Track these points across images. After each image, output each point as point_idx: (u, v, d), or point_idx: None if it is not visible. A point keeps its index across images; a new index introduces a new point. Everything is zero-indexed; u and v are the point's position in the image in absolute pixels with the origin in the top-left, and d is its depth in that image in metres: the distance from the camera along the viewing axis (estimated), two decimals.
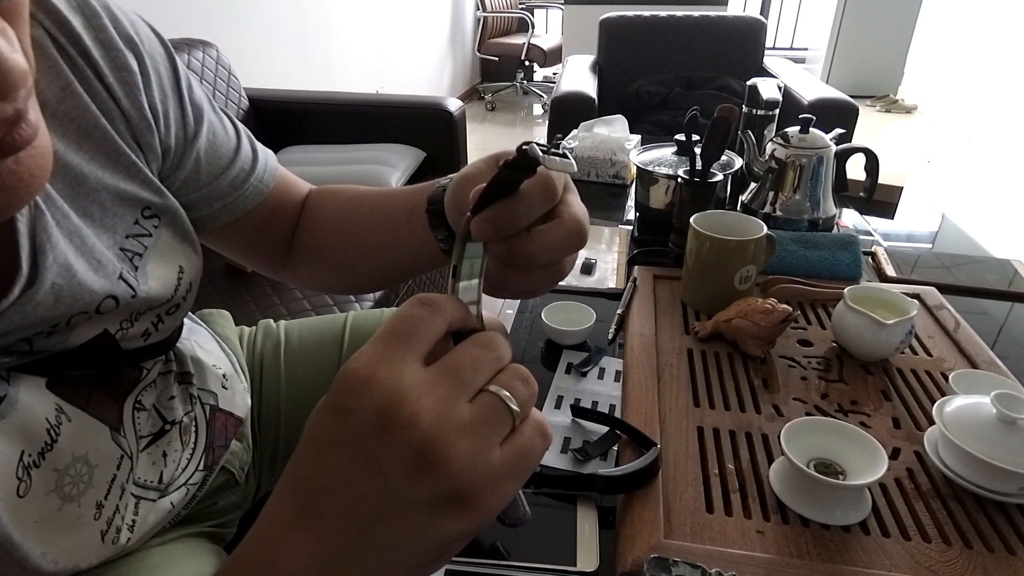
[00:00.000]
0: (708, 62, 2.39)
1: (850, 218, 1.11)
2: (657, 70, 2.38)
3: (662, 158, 1.01)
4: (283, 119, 1.88)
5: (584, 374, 0.69)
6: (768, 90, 1.11)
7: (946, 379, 0.62)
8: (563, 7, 3.99)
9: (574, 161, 0.30)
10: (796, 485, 0.49)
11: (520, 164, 0.28)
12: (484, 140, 3.87)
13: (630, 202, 1.17)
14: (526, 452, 0.25)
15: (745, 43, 2.41)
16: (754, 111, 1.11)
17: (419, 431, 0.22)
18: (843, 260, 0.86)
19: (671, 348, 0.69)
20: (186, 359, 0.51)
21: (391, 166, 1.71)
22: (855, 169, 1.01)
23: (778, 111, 1.12)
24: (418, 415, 0.22)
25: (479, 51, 4.55)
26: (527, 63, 4.52)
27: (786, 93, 1.62)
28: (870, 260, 0.94)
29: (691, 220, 0.76)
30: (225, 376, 0.56)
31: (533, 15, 4.46)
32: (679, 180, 0.89)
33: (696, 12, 2.45)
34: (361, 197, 0.53)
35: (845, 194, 1.01)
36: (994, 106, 3.76)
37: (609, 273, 0.91)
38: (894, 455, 0.54)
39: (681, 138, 0.98)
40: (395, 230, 0.48)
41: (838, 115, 1.88)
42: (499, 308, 0.84)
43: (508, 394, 0.25)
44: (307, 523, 0.23)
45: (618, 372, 0.69)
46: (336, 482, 0.23)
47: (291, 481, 0.24)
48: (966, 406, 0.51)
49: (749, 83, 1.13)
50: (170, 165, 0.45)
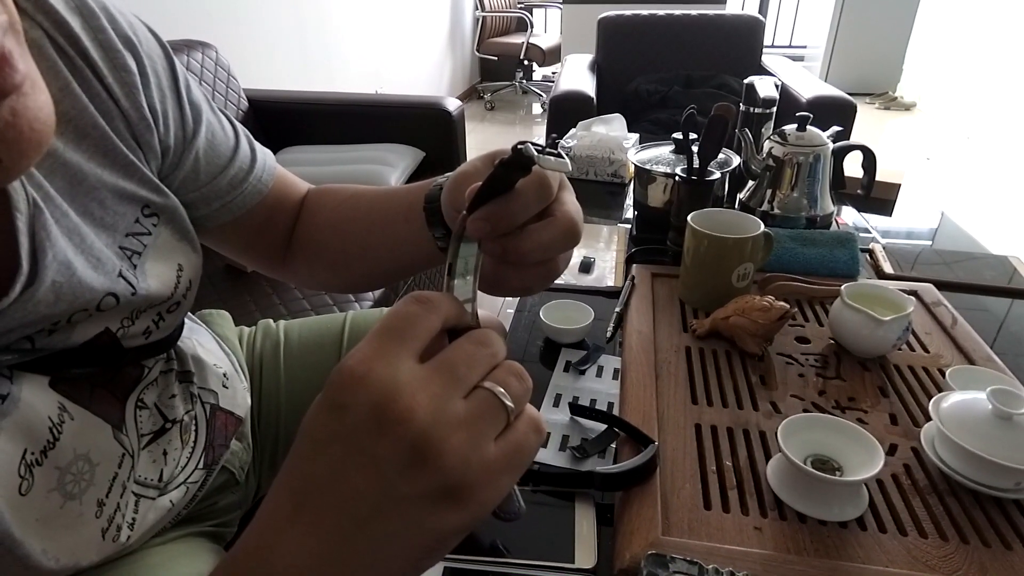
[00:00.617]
0: (706, 61, 2.39)
1: (849, 215, 1.11)
2: (656, 69, 2.38)
3: (660, 156, 1.01)
4: (282, 119, 1.88)
5: (582, 372, 0.69)
6: (765, 88, 1.11)
7: (943, 375, 0.62)
8: (562, 6, 4.00)
9: (569, 161, 0.31)
10: (793, 482, 0.49)
11: (515, 163, 0.29)
12: (483, 139, 3.87)
13: (628, 200, 1.17)
14: (520, 447, 0.25)
15: (743, 41, 2.42)
16: (751, 109, 1.12)
17: (414, 426, 0.22)
18: (841, 257, 0.86)
19: (669, 346, 0.69)
20: (187, 358, 0.51)
21: (390, 166, 1.71)
22: (853, 166, 1.01)
23: (775, 109, 1.12)
24: (413, 411, 0.23)
25: (478, 51, 4.55)
26: (526, 62, 4.52)
27: (784, 91, 1.62)
28: (868, 257, 0.94)
29: (689, 218, 0.76)
30: (226, 375, 0.56)
31: (532, 14, 4.46)
32: (677, 178, 0.89)
33: (694, 11, 2.45)
34: (359, 196, 0.53)
35: (843, 191, 1.02)
36: (993, 103, 3.76)
37: (607, 271, 0.91)
38: (891, 451, 0.54)
39: (679, 137, 0.98)
40: (392, 229, 0.48)
41: (836, 113, 1.88)
42: (499, 307, 0.84)
43: (503, 390, 0.25)
44: (304, 518, 0.23)
45: (616, 370, 0.69)
46: (332, 477, 0.23)
47: (287, 477, 0.24)
48: (963, 402, 0.51)
49: (746, 81, 1.13)
50: (169, 164, 0.45)
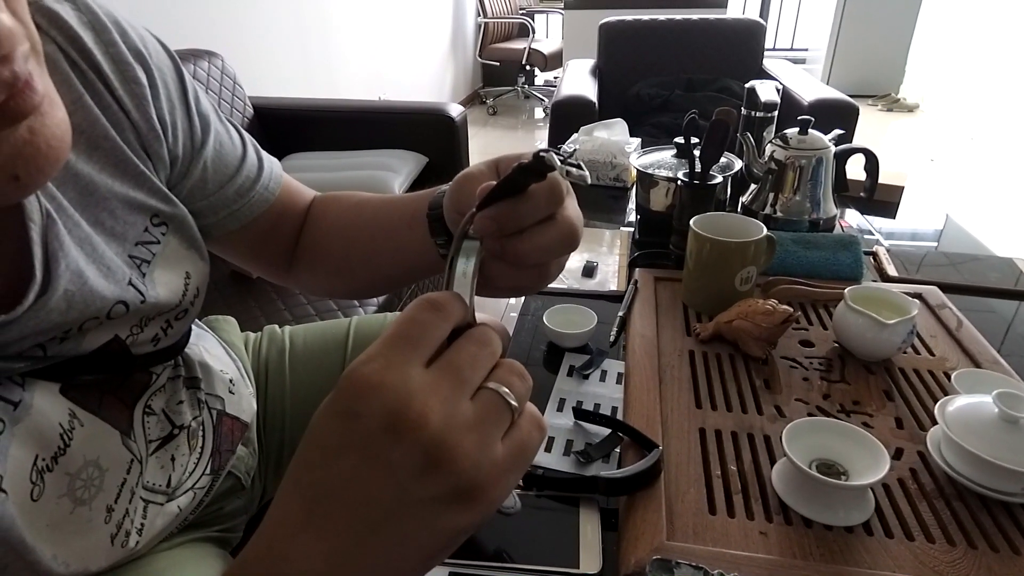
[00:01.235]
0: (708, 64, 2.39)
1: (852, 218, 1.11)
2: (657, 73, 2.39)
3: (662, 161, 1.02)
4: (287, 126, 1.89)
5: (586, 376, 0.69)
6: (766, 92, 1.11)
7: (949, 378, 0.62)
8: (563, 12, 4.01)
9: (588, 173, 0.32)
10: (799, 486, 0.49)
11: (535, 169, 0.29)
12: (486, 144, 3.88)
13: (631, 205, 1.18)
14: (525, 445, 0.26)
15: (745, 45, 2.42)
16: (753, 113, 1.12)
17: (427, 433, 0.23)
18: (844, 260, 0.86)
19: (672, 350, 0.69)
20: (194, 364, 0.52)
21: (394, 171, 1.72)
22: (856, 169, 1.01)
23: (777, 113, 1.12)
24: (426, 417, 0.23)
25: (480, 56, 4.57)
26: (528, 67, 4.54)
27: (786, 94, 1.63)
28: (872, 260, 0.94)
29: (691, 222, 0.76)
30: (232, 381, 0.57)
31: (533, 20, 4.48)
32: (679, 182, 0.89)
33: (695, 15, 2.46)
34: (363, 204, 0.53)
35: (846, 194, 1.02)
36: (996, 103, 3.75)
37: (610, 276, 0.91)
38: (897, 455, 0.54)
39: (680, 141, 0.98)
40: (396, 236, 0.48)
41: (838, 115, 1.88)
42: (502, 310, 0.84)
43: (507, 390, 0.26)
44: (316, 523, 0.24)
45: (620, 374, 0.69)
46: (346, 484, 0.24)
47: (296, 483, 0.25)
48: (969, 405, 0.51)
49: (747, 85, 1.14)
50: (178, 174, 0.46)
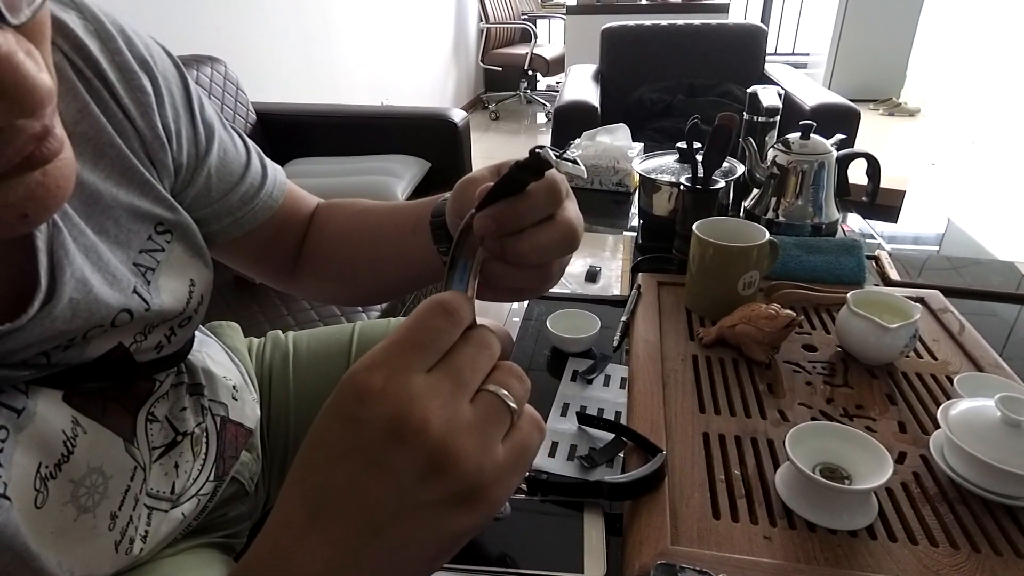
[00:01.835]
0: (710, 69, 2.40)
1: (854, 222, 1.11)
2: (659, 78, 2.40)
3: (665, 166, 1.02)
4: (290, 132, 1.90)
5: (589, 381, 0.69)
6: (768, 97, 1.11)
7: (951, 382, 0.62)
8: (565, 17, 4.02)
9: (584, 167, 0.32)
10: (802, 490, 0.49)
11: (532, 166, 0.29)
12: (488, 149, 3.89)
13: (634, 209, 1.18)
14: (525, 446, 0.26)
15: (746, 50, 2.43)
16: (755, 118, 1.12)
17: (430, 437, 0.23)
18: (846, 264, 0.86)
19: (676, 354, 0.69)
20: (197, 371, 0.52)
21: (396, 177, 1.72)
22: (857, 173, 1.01)
23: (778, 117, 1.13)
24: (428, 421, 0.23)
25: (483, 61, 4.59)
26: (530, 73, 4.55)
27: (787, 99, 1.63)
28: (874, 264, 0.94)
29: (694, 227, 0.76)
30: (235, 387, 0.57)
31: (536, 25, 4.49)
32: (682, 187, 0.90)
33: (697, 20, 2.47)
34: (367, 211, 0.54)
35: (848, 199, 1.02)
36: (998, 107, 3.75)
37: (613, 280, 0.91)
38: (900, 459, 0.54)
39: (683, 146, 0.98)
40: (399, 243, 0.49)
41: (840, 120, 1.88)
42: (505, 315, 0.85)
43: (506, 392, 0.26)
44: (320, 528, 0.24)
45: (623, 379, 0.69)
46: (349, 488, 0.24)
47: (299, 488, 0.25)
48: (971, 409, 0.51)
49: (749, 90, 1.14)
50: (182, 181, 0.46)
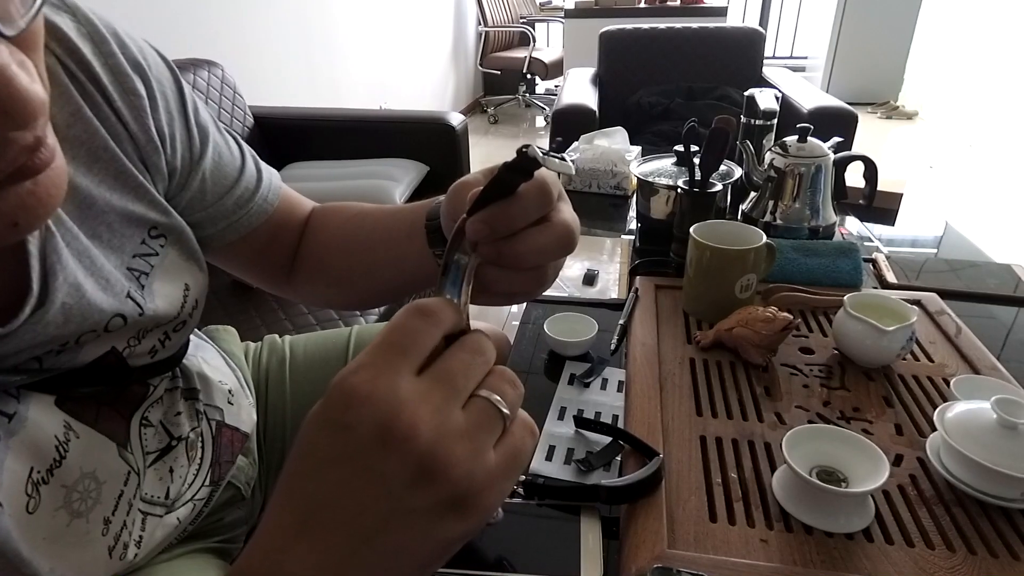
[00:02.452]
0: (708, 73, 2.40)
1: (852, 225, 1.11)
2: (657, 81, 2.40)
3: (662, 169, 1.02)
4: (288, 136, 1.90)
5: (587, 385, 0.69)
6: (766, 100, 1.12)
7: (948, 385, 0.62)
8: (564, 20, 4.03)
9: (572, 164, 0.31)
10: (799, 493, 0.49)
11: (520, 166, 0.29)
12: (487, 153, 3.90)
13: (631, 213, 1.18)
14: (518, 451, 0.26)
15: (744, 53, 2.43)
16: (752, 121, 1.12)
17: (419, 443, 0.23)
18: (844, 267, 0.86)
19: (673, 358, 0.69)
20: (192, 375, 0.52)
21: (395, 180, 1.72)
22: (855, 176, 1.01)
23: (776, 121, 1.13)
24: (417, 426, 0.23)
25: (481, 65, 4.59)
26: (529, 76, 4.56)
27: (785, 102, 1.63)
28: (871, 267, 0.94)
29: (691, 230, 0.76)
30: (231, 392, 0.57)
31: (534, 29, 4.50)
32: (679, 190, 0.90)
33: (695, 23, 2.47)
34: (363, 215, 0.54)
35: (845, 202, 1.02)
36: (995, 111, 3.76)
37: (611, 284, 0.91)
38: (897, 462, 0.54)
39: (680, 149, 0.98)
40: (395, 247, 0.49)
41: (837, 123, 1.88)
42: (503, 319, 0.84)
43: (499, 398, 0.26)
44: (310, 535, 0.24)
45: (621, 382, 0.69)
46: (338, 495, 0.24)
47: (289, 495, 0.25)
48: (967, 411, 0.51)
49: (747, 94, 1.14)
50: (176, 185, 0.46)
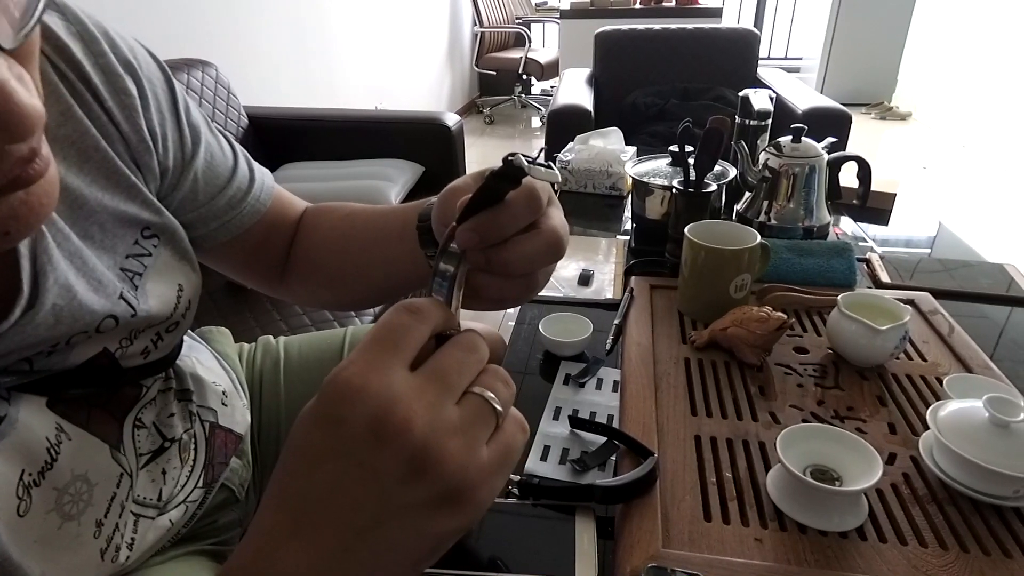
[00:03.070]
0: (703, 74, 2.41)
1: (846, 225, 1.11)
2: (653, 82, 2.41)
3: (657, 169, 1.02)
4: (283, 136, 1.90)
5: (582, 385, 0.69)
6: (760, 101, 1.12)
7: (941, 384, 0.62)
8: (559, 21, 4.04)
9: (559, 172, 0.31)
10: (793, 492, 0.49)
11: (506, 174, 0.29)
12: (483, 153, 3.89)
13: (626, 213, 1.18)
14: (510, 447, 0.26)
15: (739, 54, 2.44)
16: (747, 121, 1.13)
17: (412, 437, 0.23)
18: (838, 267, 0.86)
19: (668, 357, 0.69)
20: (186, 376, 0.52)
21: (390, 181, 1.72)
22: (849, 177, 1.01)
23: (770, 121, 1.13)
24: (410, 421, 0.23)
25: (477, 65, 4.60)
26: (525, 76, 4.56)
27: (779, 103, 1.64)
28: (865, 267, 0.95)
29: (686, 230, 0.76)
30: (225, 393, 0.57)
31: (530, 29, 4.51)
32: (674, 191, 0.90)
33: (690, 24, 2.48)
34: (355, 215, 0.53)
35: (839, 202, 1.02)
36: (988, 111, 3.78)
37: (606, 284, 0.91)
38: (890, 460, 0.54)
39: (675, 149, 0.99)
40: (388, 247, 0.48)
41: (831, 123, 1.89)
42: (500, 320, 0.84)
43: (492, 395, 0.26)
44: (302, 533, 0.24)
45: (616, 382, 0.69)
46: (330, 492, 0.24)
47: (281, 494, 0.25)
48: (960, 410, 0.52)
49: (741, 94, 1.14)
50: (168, 185, 0.46)
